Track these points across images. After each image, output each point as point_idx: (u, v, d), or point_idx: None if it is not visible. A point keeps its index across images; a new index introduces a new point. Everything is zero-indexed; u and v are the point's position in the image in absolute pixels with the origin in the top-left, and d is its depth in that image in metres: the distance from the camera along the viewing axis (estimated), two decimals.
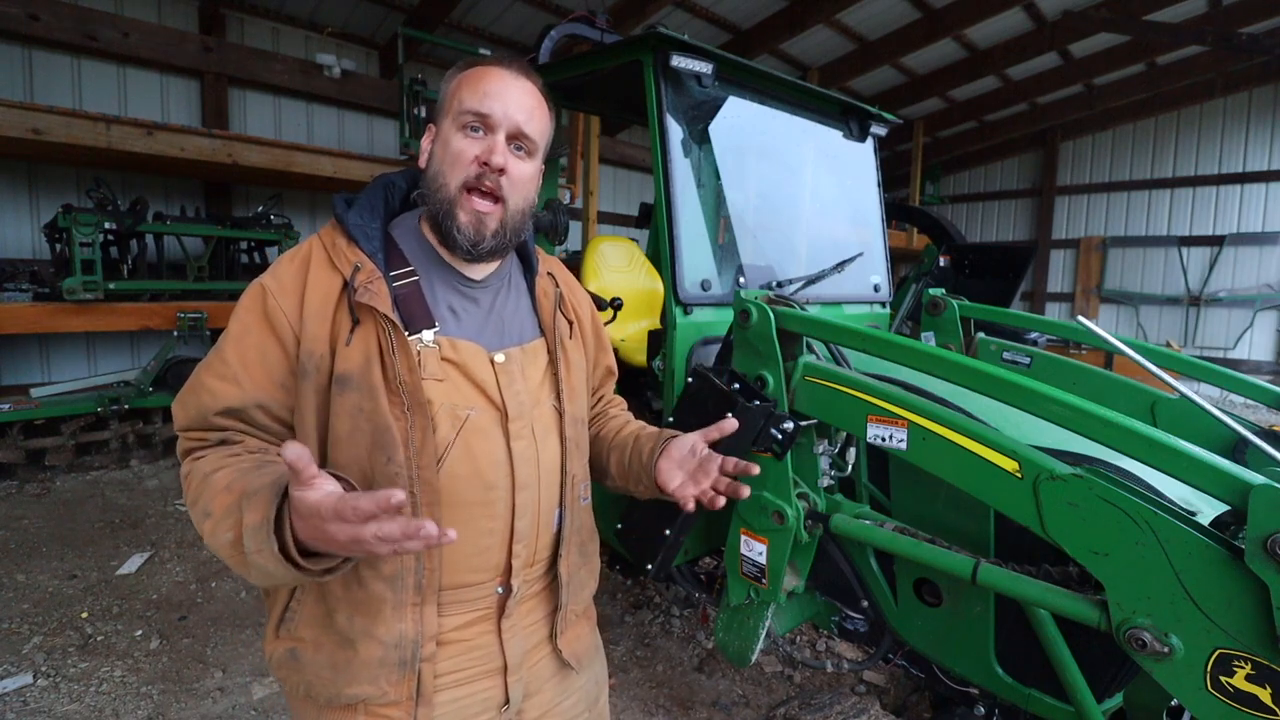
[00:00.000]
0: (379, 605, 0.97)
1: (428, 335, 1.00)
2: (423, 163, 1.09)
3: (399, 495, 0.70)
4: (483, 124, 1.01)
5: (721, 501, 1.07)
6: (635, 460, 1.20)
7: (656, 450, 1.16)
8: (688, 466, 1.13)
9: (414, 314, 1.00)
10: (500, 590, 1.07)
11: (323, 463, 0.99)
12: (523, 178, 1.05)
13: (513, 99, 1.02)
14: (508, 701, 1.09)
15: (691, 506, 1.09)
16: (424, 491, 0.96)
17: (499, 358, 1.06)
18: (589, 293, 1.44)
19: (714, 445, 1.24)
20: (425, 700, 1.00)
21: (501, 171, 1.01)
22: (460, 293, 1.08)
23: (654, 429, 1.27)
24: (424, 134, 1.11)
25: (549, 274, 1.22)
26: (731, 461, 1.08)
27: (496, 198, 1.02)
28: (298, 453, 0.72)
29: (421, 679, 0.99)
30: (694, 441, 1.13)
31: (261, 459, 0.95)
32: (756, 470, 1.09)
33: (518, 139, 1.03)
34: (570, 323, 1.21)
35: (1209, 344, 10.53)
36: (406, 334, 0.98)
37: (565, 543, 1.14)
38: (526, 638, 1.13)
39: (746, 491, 1.09)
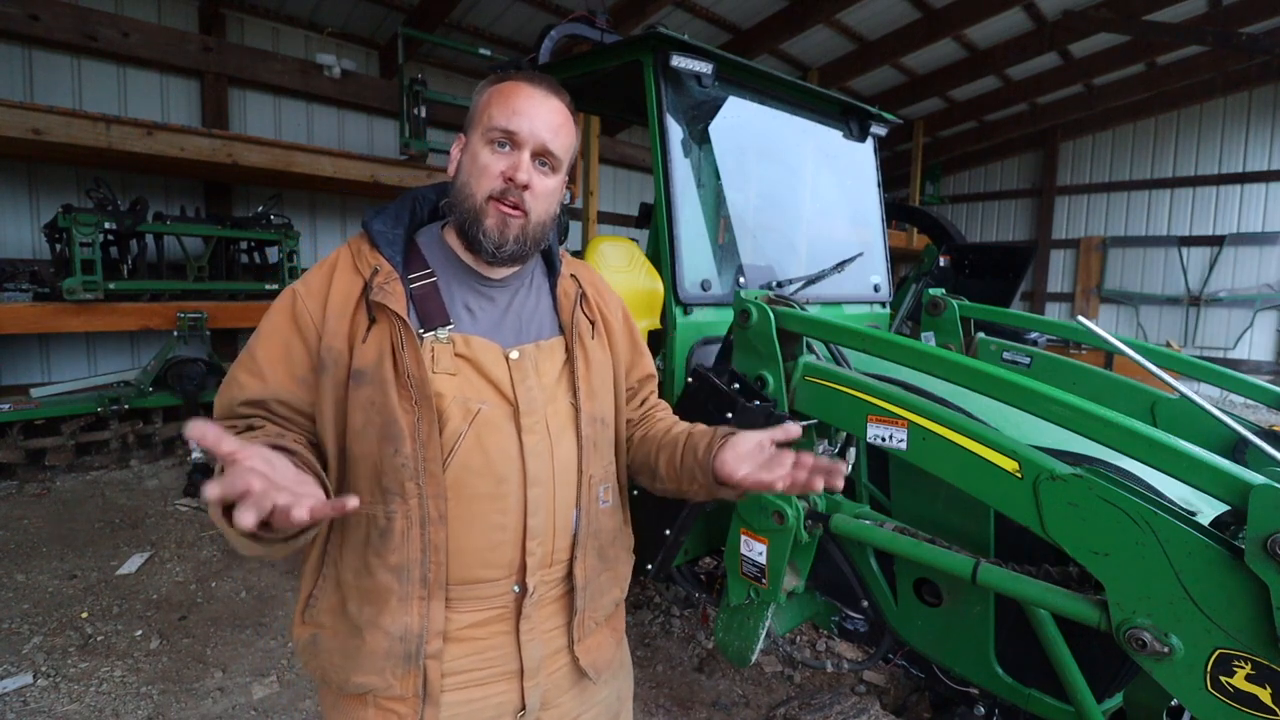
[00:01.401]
0: (385, 596, 1.00)
1: (442, 332, 1.04)
2: (451, 171, 1.13)
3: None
4: (510, 140, 1.05)
5: (819, 483, 0.99)
6: (689, 456, 1.16)
7: (715, 445, 1.12)
8: (757, 459, 1.07)
9: (430, 312, 1.05)
10: (517, 589, 1.07)
11: (341, 454, 1.04)
12: (545, 192, 1.09)
13: (540, 117, 1.06)
14: (524, 707, 1.08)
15: (781, 487, 1.01)
16: (429, 484, 0.99)
17: (513, 354, 1.09)
18: None
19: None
20: (432, 700, 1.01)
21: (525, 187, 1.05)
22: (478, 292, 1.12)
23: (706, 427, 1.22)
24: (454, 142, 1.16)
25: (572, 276, 1.24)
26: (812, 460, 1.01)
27: (520, 210, 1.06)
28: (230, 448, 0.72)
29: (428, 676, 1.01)
30: (761, 439, 1.08)
31: (275, 441, 0.96)
32: (844, 472, 1.03)
33: (542, 155, 1.07)
34: (592, 322, 1.21)
35: (1209, 344, 10.53)
36: (421, 331, 1.03)
37: (581, 545, 1.14)
38: (546, 643, 1.12)
39: (839, 482, 1.02)
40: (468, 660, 1.05)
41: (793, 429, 1.09)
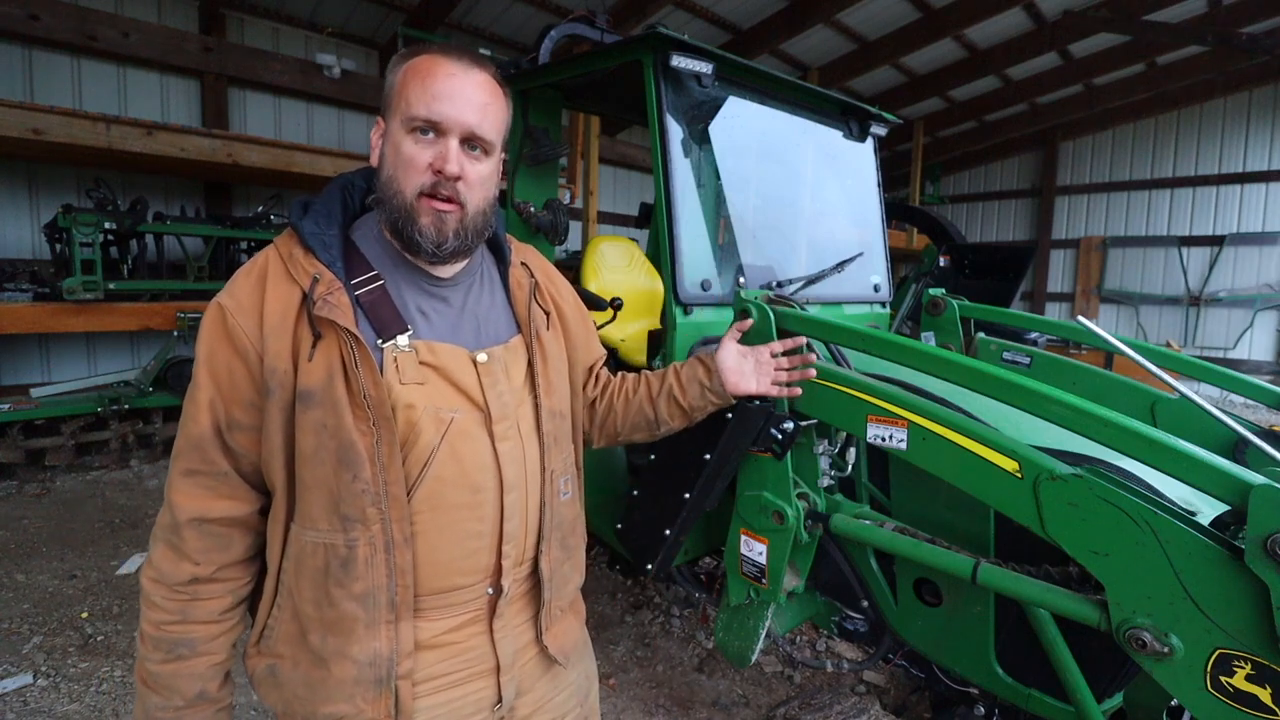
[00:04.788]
0: (351, 624, 0.95)
1: (403, 340, 0.97)
2: (374, 161, 1.04)
3: None
4: (433, 129, 0.97)
5: (797, 389, 1.59)
6: (693, 389, 1.43)
7: (709, 369, 1.44)
8: (747, 366, 1.48)
9: (384, 320, 0.98)
10: (491, 591, 1.07)
11: (291, 480, 0.97)
12: (479, 179, 1.01)
13: (464, 99, 0.96)
14: (500, 700, 1.08)
15: (779, 392, 1.56)
16: (392, 508, 0.95)
17: (481, 357, 1.04)
18: (586, 289, 1.49)
19: (715, 438, 1.48)
20: (405, 715, 0.99)
21: (457, 179, 0.98)
22: (429, 293, 1.05)
23: (677, 363, 1.49)
24: (374, 126, 1.05)
25: (523, 264, 1.19)
26: (780, 345, 1.53)
27: (455, 202, 0.99)
28: None
29: (399, 695, 0.98)
30: (733, 347, 1.49)
31: (176, 645, 0.99)
32: (812, 358, 1.58)
33: (471, 140, 0.99)
34: (547, 313, 1.18)
35: (1209, 344, 10.53)
36: (380, 341, 0.96)
37: (545, 538, 1.13)
38: (517, 637, 1.12)
39: (813, 372, 1.56)
40: (444, 665, 1.03)
41: (744, 323, 1.57)
